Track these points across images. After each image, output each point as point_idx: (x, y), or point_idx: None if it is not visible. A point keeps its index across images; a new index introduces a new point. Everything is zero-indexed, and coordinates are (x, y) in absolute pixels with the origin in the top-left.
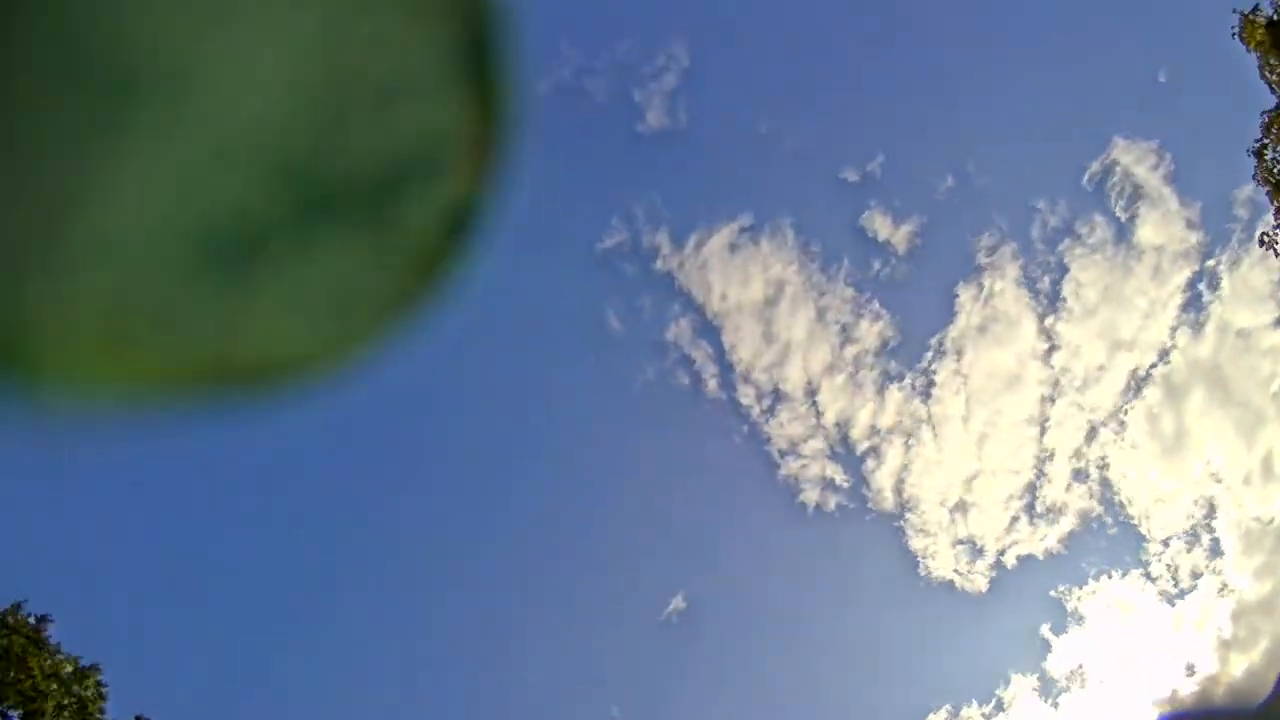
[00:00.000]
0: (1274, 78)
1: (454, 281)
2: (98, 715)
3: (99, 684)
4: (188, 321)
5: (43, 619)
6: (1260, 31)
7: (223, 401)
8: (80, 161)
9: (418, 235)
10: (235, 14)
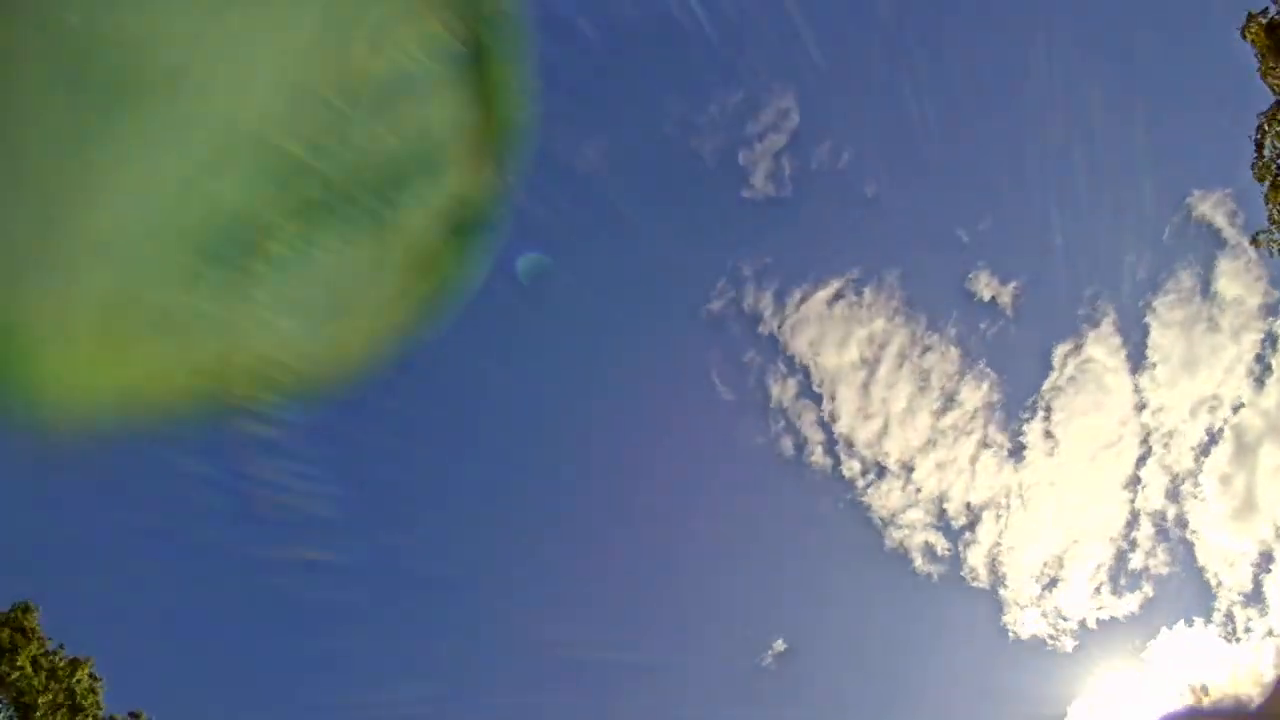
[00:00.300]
0: (1273, 80)
1: (458, 282)
2: (95, 712)
3: (92, 676)
4: (188, 321)
5: (27, 609)
6: (1259, 31)
7: (222, 402)
8: (80, 161)
9: (419, 235)
10: (235, 15)
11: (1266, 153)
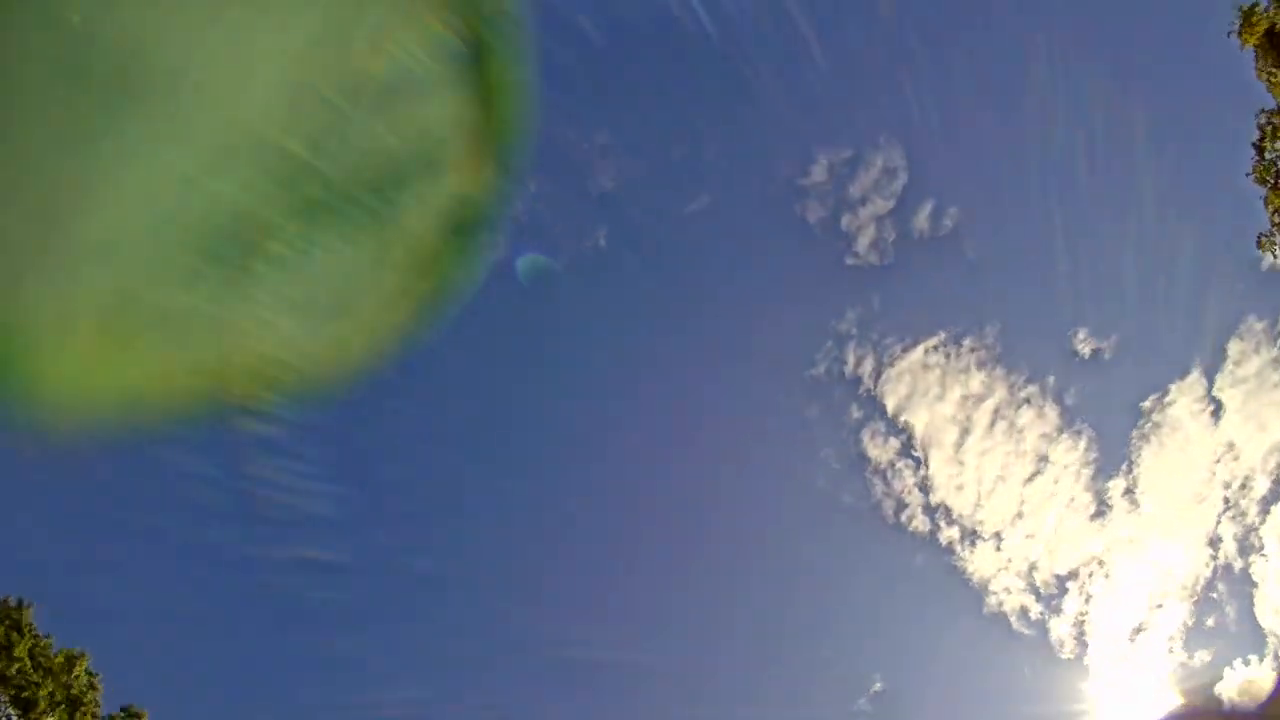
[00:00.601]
0: (1270, 80)
1: (458, 282)
2: (94, 709)
3: (89, 672)
4: (188, 321)
5: (21, 604)
6: (1258, 32)
7: (223, 401)
8: (82, 161)
9: (420, 235)
10: (236, 15)
11: (1267, 155)
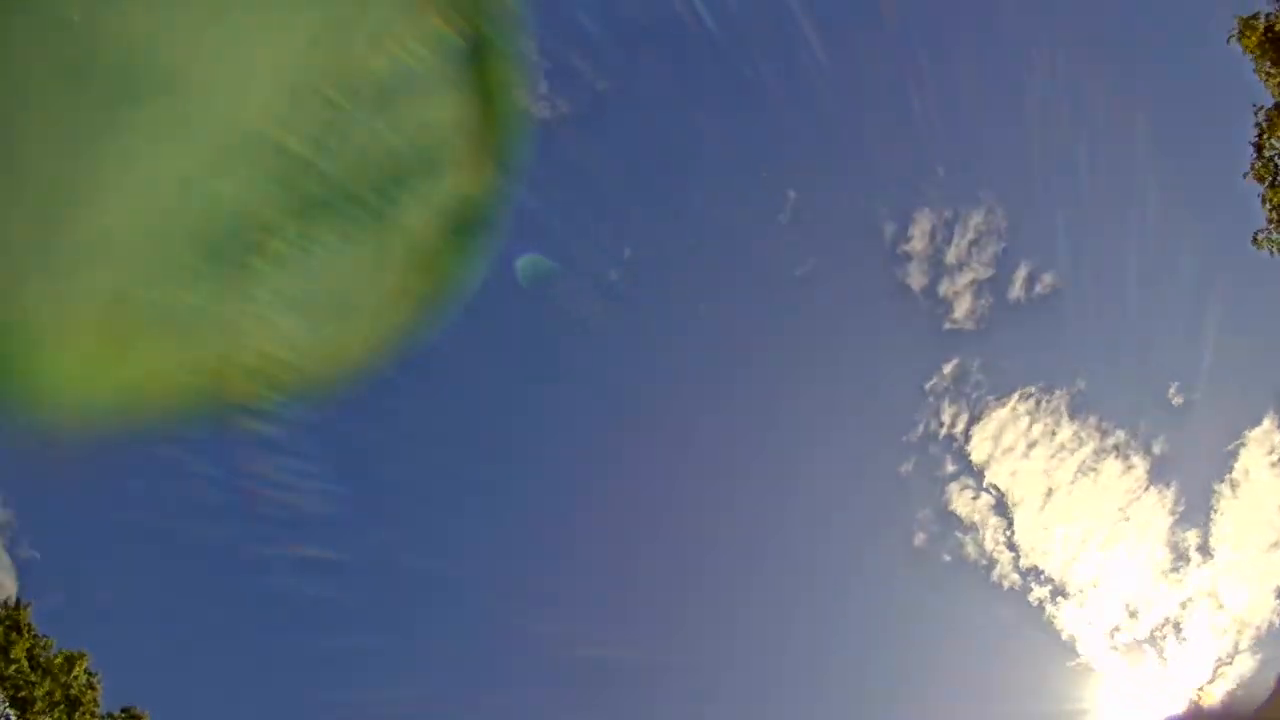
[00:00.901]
0: (1270, 82)
1: (458, 282)
2: (93, 709)
3: (89, 672)
4: (189, 320)
5: (20, 604)
6: (1257, 35)
7: (223, 400)
8: (83, 160)
9: (420, 234)
10: (237, 14)
11: (1266, 152)
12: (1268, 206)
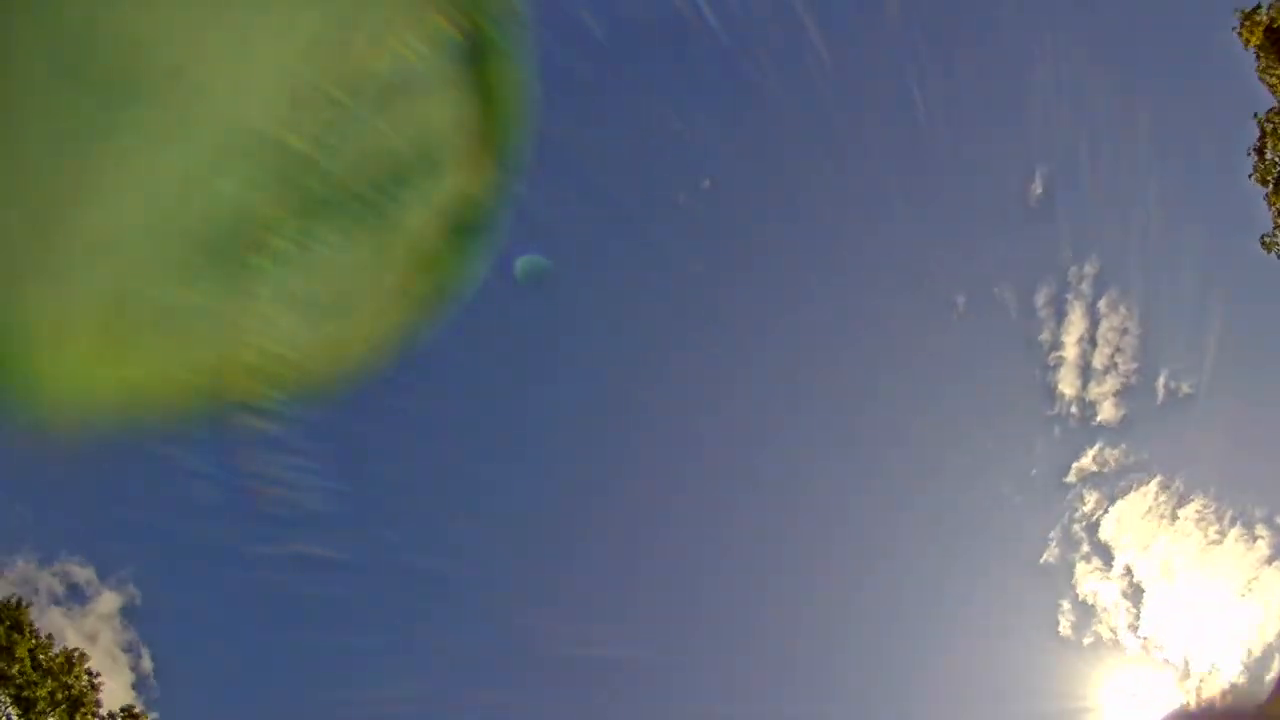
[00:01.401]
0: (1271, 79)
1: (458, 282)
2: (93, 708)
3: (89, 673)
4: (189, 318)
5: (21, 604)
6: (1259, 31)
7: (223, 399)
8: (80, 158)
9: (421, 233)
10: (236, 11)
11: (1269, 155)
12: (1273, 209)
